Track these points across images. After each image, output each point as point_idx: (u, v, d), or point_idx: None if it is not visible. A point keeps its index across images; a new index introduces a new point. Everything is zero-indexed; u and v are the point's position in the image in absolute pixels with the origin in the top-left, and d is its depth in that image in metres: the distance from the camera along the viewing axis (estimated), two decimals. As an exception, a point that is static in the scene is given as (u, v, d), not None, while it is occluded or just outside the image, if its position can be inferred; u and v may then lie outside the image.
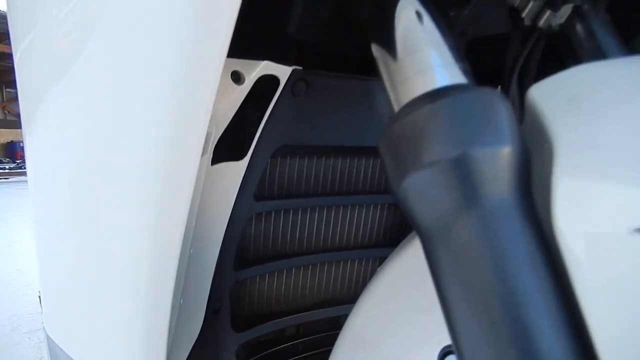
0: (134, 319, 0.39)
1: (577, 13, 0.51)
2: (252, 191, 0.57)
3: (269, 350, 0.67)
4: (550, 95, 0.29)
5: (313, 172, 0.63)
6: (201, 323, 0.54)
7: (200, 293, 0.54)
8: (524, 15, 0.50)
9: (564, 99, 0.28)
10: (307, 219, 0.66)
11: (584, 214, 0.24)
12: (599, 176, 0.24)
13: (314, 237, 0.67)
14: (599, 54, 0.51)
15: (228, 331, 0.59)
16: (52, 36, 0.40)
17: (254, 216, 0.60)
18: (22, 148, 1.16)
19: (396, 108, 0.31)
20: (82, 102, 0.38)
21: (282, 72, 0.53)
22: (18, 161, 12.57)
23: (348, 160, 0.66)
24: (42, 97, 0.44)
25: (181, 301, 0.50)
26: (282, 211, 0.63)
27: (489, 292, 0.24)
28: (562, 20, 0.50)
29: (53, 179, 0.46)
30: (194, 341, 0.54)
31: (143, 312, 0.38)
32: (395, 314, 0.38)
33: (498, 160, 0.25)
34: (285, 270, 0.67)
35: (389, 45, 0.32)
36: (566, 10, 0.50)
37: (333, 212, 0.68)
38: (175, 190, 0.34)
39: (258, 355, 0.66)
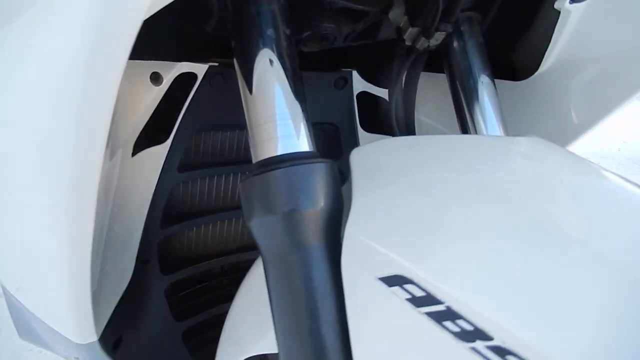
0: (59, 271, 0.46)
1: (451, 37, 0.60)
2: (176, 166, 0.67)
3: (195, 287, 0.82)
4: (363, 161, 0.39)
5: (227, 144, 0.73)
6: (131, 272, 0.67)
7: (128, 249, 0.66)
8: (405, 36, 0.58)
9: (369, 167, 0.39)
10: (230, 181, 0.77)
11: (357, 262, 0.36)
12: (371, 234, 0.36)
13: (236, 196, 0.79)
14: (468, 74, 0.60)
15: (157, 275, 0.73)
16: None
17: (180, 183, 0.71)
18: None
19: (254, 159, 0.41)
20: None
21: (199, 69, 0.61)
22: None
23: None
24: None
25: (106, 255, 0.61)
26: (206, 178, 0.74)
27: (298, 307, 0.37)
28: (438, 42, 0.59)
29: None
30: (126, 285, 0.67)
31: (67, 265, 0.45)
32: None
33: (312, 218, 0.37)
34: (210, 223, 0.80)
35: (251, 111, 0.41)
36: (441, 35, 0.58)
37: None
38: (80, 187, 0.38)
39: (185, 291, 0.80)
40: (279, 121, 0.40)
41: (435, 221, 0.34)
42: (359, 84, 0.77)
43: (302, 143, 0.40)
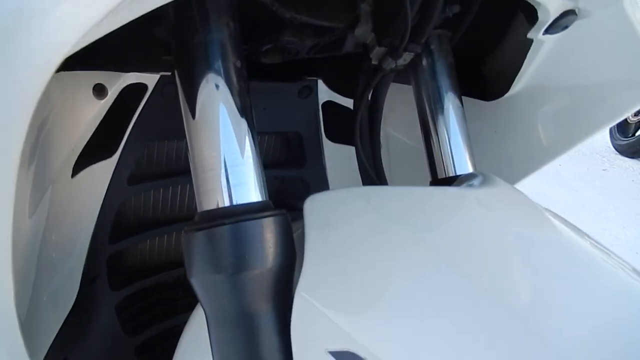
0: None
1: (420, 54, 0.57)
2: (125, 180, 0.62)
3: (149, 300, 0.78)
4: (317, 214, 0.36)
5: (182, 152, 0.69)
6: (76, 292, 0.63)
7: (72, 270, 0.62)
8: (371, 55, 0.55)
9: (323, 221, 0.36)
10: (186, 190, 0.73)
11: (308, 329, 0.34)
12: (323, 300, 0.33)
13: (185, 207, 0.75)
14: (435, 91, 0.58)
15: (106, 291, 0.69)
16: None
17: (132, 196, 0.66)
18: None
19: (198, 206, 0.37)
20: None
21: (150, 79, 0.56)
22: None
23: None
24: None
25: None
26: (159, 189, 0.70)
27: None
28: (406, 62, 0.55)
29: None
30: (71, 306, 0.63)
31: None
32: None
33: (261, 279, 0.34)
34: (164, 234, 0.76)
35: (195, 146, 0.37)
36: (409, 55, 0.55)
37: None
38: None
39: (138, 305, 0.77)
40: (229, 167, 0.36)
41: (388, 292, 0.32)
42: (325, 94, 0.73)
43: (251, 191, 0.37)
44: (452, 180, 0.54)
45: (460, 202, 0.36)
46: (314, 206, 0.37)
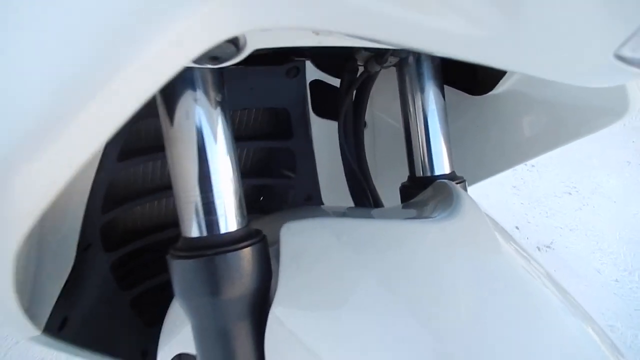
0: None
1: (406, 60, 0.56)
2: (115, 156, 0.65)
3: (142, 257, 0.84)
4: (292, 242, 0.40)
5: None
6: (73, 261, 0.68)
7: (68, 243, 0.66)
8: (356, 56, 0.55)
9: (297, 250, 0.39)
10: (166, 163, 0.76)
11: (279, 349, 0.38)
12: (293, 324, 0.38)
13: None
14: (417, 83, 0.58)
15: (101, 255, 0.74)
16: None
17: (122, 170, 0.69)
18: None
19: (181, 229, 0.40)
20: None
21: None
22: None
23: None
24: None
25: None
26: (148, 161, 0.72)
27: None
28: (392, 64, 0.56)
29: None
30: (67, 275, 0.68)
31: None
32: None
33: (238, 302, 0.38)
34: (151, 202, 0.79)
35: (178, 185, 0.39)
36: (395, 59, 0.55)
37: None
38: None
39: (132, 264, 0.82)
40: (210, 196, 0.38)
41: (345, 319, 0.36)
42: (313, 73, 0.73)
43: (232, 220, 0.40)
44: (427, 181, 0.57)
45: (422, 240, 0.39)
46: (289, 235, 0.40)
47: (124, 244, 0.78)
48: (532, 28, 0.25)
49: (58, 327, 0.68)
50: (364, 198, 0.65)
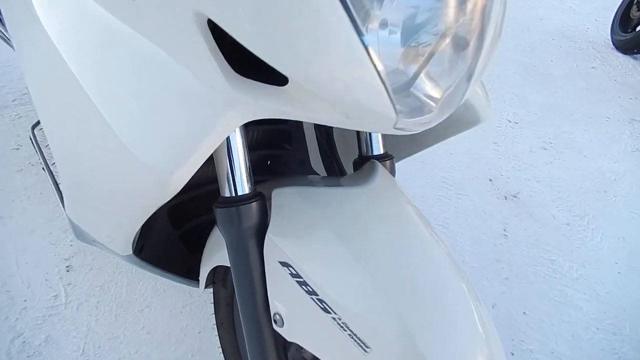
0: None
1: None
2: None
3: (191, 204, 1.21)
4: (281, 202, 0.75)
5: None
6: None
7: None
8: None
9: (283, 206, 0.75)
10: None
11: (270, 250, 0.75)
12: (278, 238, 0.74)
13: None
14: None
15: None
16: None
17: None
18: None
19: (220, 191, 0.76)
20: None
21: None
22: None
23: None
24: None
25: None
26: None
27: (244, 269, 0.77)
28: None
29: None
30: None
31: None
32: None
33: (249, 230, 0.75)
34: None
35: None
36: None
37: None
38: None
39: (182, 208, 1.20)
40: (236, 173, 0.74)
41: (316, 241, 0.72)
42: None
43: (245, 186, 0.75)
44: (367, 159, 0.91)
45: (356, 198, 0.75)
46: (277, 195, 0.76)
47: (177, 196, 1.15)
48: None
49: (139, 252, 1.06)
50: (331, 166, 1.01)
